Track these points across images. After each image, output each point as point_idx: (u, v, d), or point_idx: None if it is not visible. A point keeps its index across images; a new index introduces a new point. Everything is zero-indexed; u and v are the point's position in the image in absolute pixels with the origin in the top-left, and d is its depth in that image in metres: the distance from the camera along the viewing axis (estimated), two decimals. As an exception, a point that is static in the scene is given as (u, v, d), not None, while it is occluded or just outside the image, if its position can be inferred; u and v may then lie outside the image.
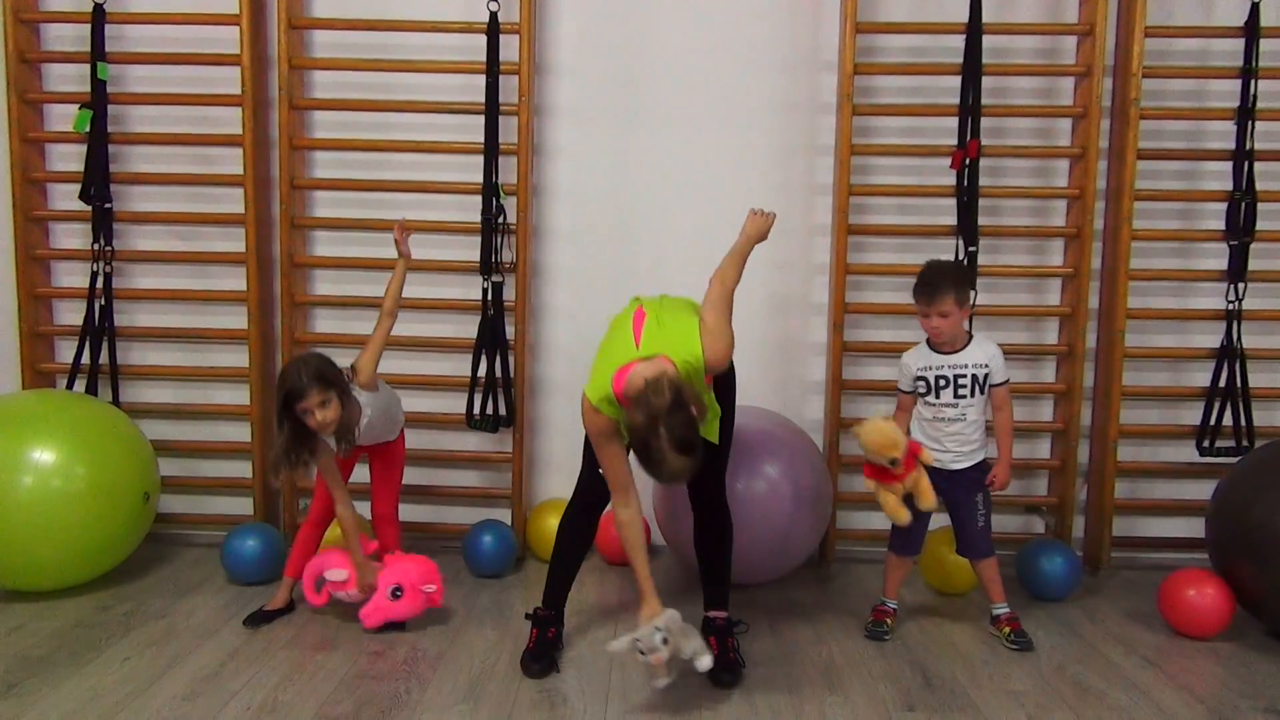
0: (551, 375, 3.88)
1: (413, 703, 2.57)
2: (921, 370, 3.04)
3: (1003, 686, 2.75)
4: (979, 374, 3.00)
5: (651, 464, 2.39)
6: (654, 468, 2.40)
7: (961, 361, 3.01)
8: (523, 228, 3.69)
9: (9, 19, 3.63)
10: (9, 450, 3.09)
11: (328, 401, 2.87)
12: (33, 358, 3.79)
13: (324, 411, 2.86)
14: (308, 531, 3.19)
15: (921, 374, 3.04)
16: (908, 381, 3.09)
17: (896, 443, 2.91)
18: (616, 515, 2.68)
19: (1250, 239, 3.61)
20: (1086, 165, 3.60)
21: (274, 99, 3.71)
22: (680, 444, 2.35)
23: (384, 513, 3.28)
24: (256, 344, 3.75)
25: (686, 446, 2.37)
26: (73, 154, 3.76)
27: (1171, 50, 3.66)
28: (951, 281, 2.97)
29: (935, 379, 3.02)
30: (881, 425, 2.94)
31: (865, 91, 3.69)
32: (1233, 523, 3.11)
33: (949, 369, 3.01)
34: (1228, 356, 3.65)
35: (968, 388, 3.00)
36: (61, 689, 2.60)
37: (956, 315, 2.97)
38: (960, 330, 3.04)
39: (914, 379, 3.06)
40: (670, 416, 2.34)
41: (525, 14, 3.58)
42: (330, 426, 2.90)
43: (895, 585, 3.16)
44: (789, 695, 2.67)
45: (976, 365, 3.00)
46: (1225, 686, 2.79)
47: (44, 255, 3.82)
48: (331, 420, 2.88)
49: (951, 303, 2.95)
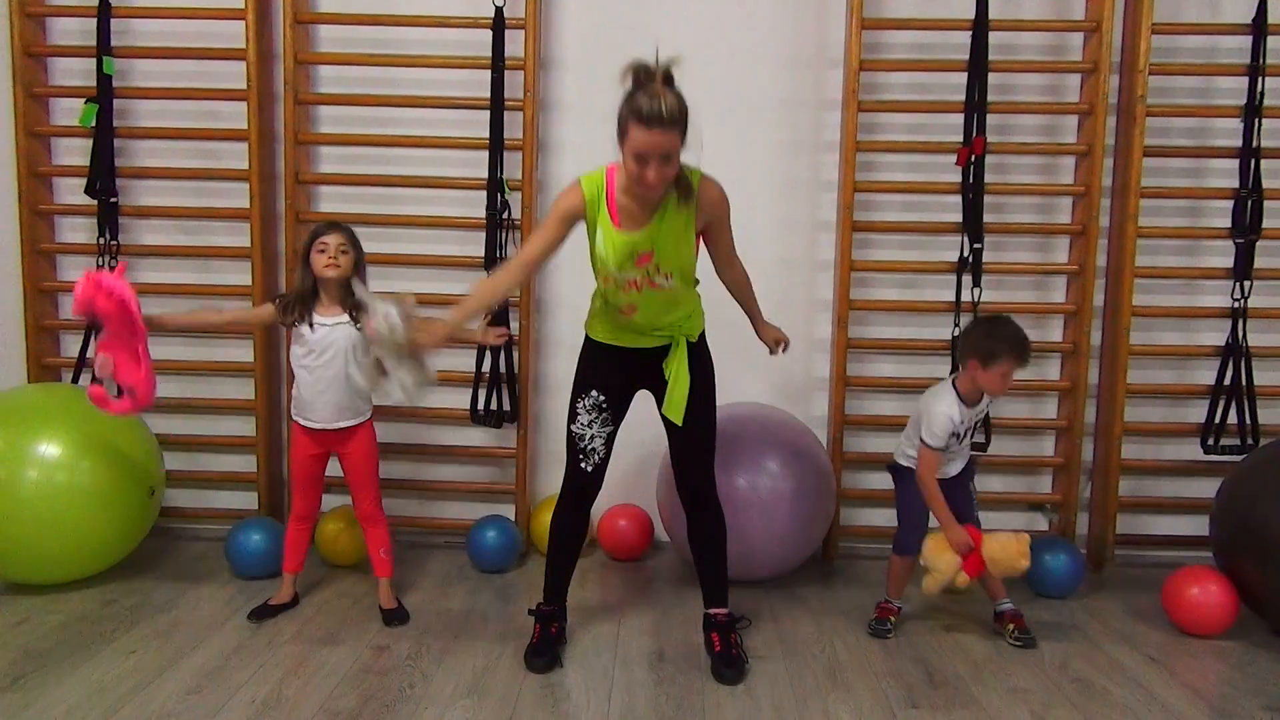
0: (555, 370, 3.88)
1: (416, 697, 2.58)
2: (959, 426, 2.99)
3: (1006, 684, 2.75)
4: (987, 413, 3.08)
5: (647, 96, 2.35)
6: (649, 99, 2.34)
7: (981, 408, 3.05)
8: (527, 223, 3.68)
9: (15, 13, 3.64)
10: (14, 444, 3.10)
11: (345, 251, 2.94)
12: (38, 352, 3.80)
13: (339, 256, 2.93)
14: (295, 528, 3.17)
15: (956, 429, 2.98)
16: (944, 438, 2.95)
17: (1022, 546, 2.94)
18: (496, 271, 2.76)
19: (1256, 236, 3.60)
20: (1092, 162, 3.60)
21: (279, 94, 3.71)
22: (672, 86, 2.39)
23: (368, 512, 3.16)
24: (261, 338, 3.76)
25: (677, 94, 2.39)
26: (78, 148, 3.77)
27: (1178, 47, 3.65)
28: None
29: (965, 430, 3.04)
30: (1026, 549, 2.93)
31: (871, 88, 3.69)
32: (1237, 521, 3.11)
33: (972, 418, 3.04)
34: (1233, 354, 3.65)
35: (977, 429, 3.09)
36: (66, 682, 2.61)
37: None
38: None
39: (950, 435, 2.97)
40: (664, 77, 2.38)
41: (530, 9, 3.58)
42: (333, 272, 2.93)
43: (899, 584, 3.16)
44: (792, 692, 2.67)
45: (987, 407, 3.08)
46: (1229, 684, 2.79)
47: (49, 249, 3.83)
48: (341, 269, 2.93)
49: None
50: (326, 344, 2.98)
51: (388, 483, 3.41)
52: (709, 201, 2.61)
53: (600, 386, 2.78)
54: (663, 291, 2.64)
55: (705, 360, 2.82)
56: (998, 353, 2.89)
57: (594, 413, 2.78)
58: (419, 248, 3.78)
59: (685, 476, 2.85)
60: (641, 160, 2.40)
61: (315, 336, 2.98)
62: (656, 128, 2.35)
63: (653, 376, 2.78)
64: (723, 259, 2.78)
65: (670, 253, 2.59)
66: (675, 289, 2.65)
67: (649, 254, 2.58)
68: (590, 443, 2.79)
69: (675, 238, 2.58)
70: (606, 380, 2.79)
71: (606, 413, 2.79)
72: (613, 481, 3.73)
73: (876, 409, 3.80)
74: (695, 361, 2.76)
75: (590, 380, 2.80)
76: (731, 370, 2.90)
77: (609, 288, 2.68)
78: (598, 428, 2.78)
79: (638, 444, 3.49)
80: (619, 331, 2.76)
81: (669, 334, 2.74)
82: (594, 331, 2.83)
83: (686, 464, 2.84)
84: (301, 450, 3.09)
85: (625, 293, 2.65)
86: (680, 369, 2.71)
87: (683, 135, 2.42)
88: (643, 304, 2.66)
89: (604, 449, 2.81)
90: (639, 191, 2.50)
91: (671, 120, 2.36)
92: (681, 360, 2.71)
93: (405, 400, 2.51)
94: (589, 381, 2.80)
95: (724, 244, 2.75)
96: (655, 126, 2.35)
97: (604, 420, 2.79)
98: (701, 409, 2.77)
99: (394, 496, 3.70)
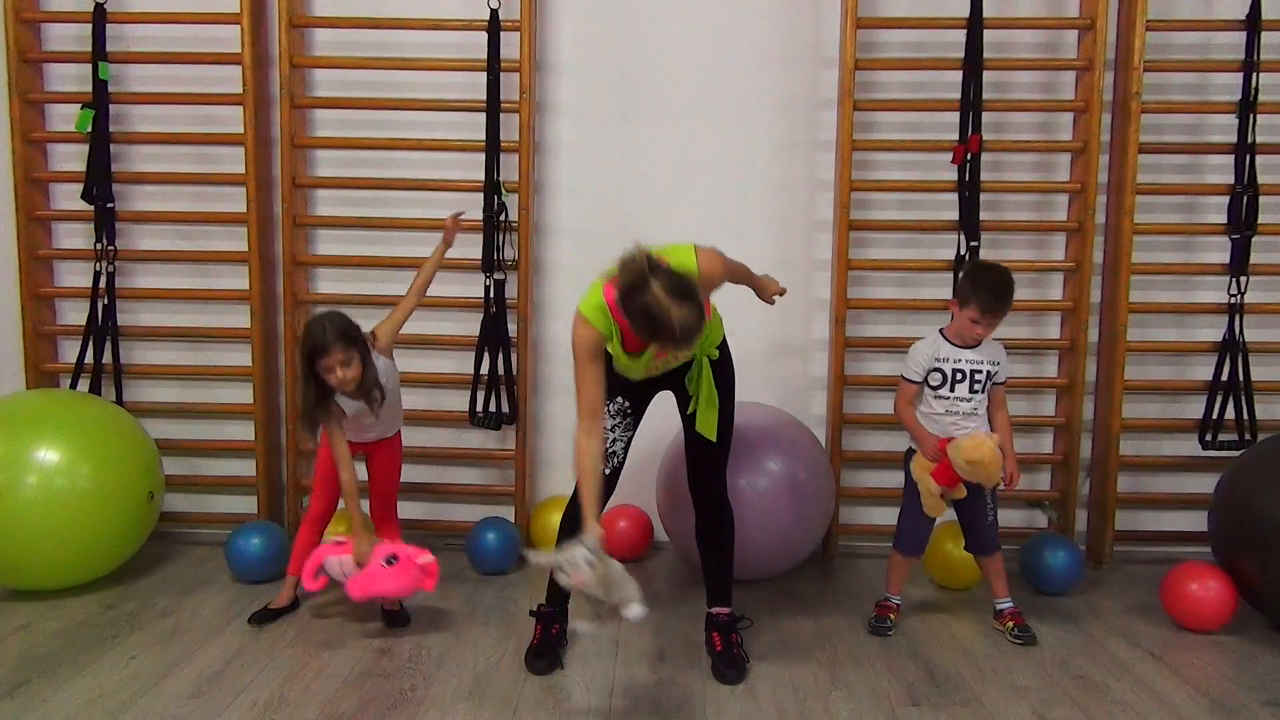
0: (554, 372, 3.89)
1: (417, 700, 2.58)
2: (939, 361, 3.01)
3: (1006, 681, 2.75)
4: (992, 370, 3.01)
5: (659, 325, 2.29)
6: (663, 328, 2.29)
7: (978, 358, 3.01)
8: (524, 225, 3.69)
9: (10, 19, 3.64)
10: (13, 450, 3.09)
11: (350, 360, 2.87)
12: (36, 358, 3.80)
13: (346, 370, 2.87)
14: (307, 529, 3.18)
15: (939, 365, 3.01)
16: (919, 371, 3.02)
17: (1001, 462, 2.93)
18: (577, 440, 2.57)
19: (1252, 232, 3.60)
20: (1088, 159, 3.60)
21: (275, 97, 3.71)
22: (674, 289, 2.28)
23: (383, 515, 3.24)
24: (259, 343, 3.76)
25: (682, 291, 2.29)
26: (74, 154, 3.77)
27: (1173, 44, 3.66)
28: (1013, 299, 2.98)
29: (953, 371, 3.00)
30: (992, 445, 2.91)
31: (866, 86, 3.69)
32: (1235, 516, 3.11)
33: (967, 364, 3.00)
34: (1230, 350, 3.65)
35: (981, 384, 3.01)
36: (67, 688, 2.61)
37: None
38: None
39: (929, 369, 3.02)
40: (654, 271, 2.29)
41: (526, 11, 3.58)
42: (350, 384, 2.90)
43: (899, 582, 3.16)
44: (793, 691, 2.67)
45: (991, 363, 3.01)
46: (1228, 680, 2.79)
47: (47, 255, 3.83)
48: (352, 379, 2.89)
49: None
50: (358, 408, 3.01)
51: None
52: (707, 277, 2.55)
53: (624, 391, 2.77)
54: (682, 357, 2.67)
55: (727, 367, 2.82)
56: (968, 297, 2.94)
57: (618, 417, 2.78)
58: (416, 250, 3.75)
59: (701, 478, 2.85)
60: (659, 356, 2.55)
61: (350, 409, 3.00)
62: (670, 347, 2.42)
63: (674, 380, 2.78)
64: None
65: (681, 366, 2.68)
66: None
67: (664, 353, 2.58)
68: (613, 445, 2.78)
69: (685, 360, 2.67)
70: (629, 386, 2.77)
71: (630, 417, 2.80)
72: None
73: (875, 408, 3.80)
74: (718, 373, 2.76)
75: (614, 387, 2.73)
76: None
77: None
78: (620, 431, 2.79)
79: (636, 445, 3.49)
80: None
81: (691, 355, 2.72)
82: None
83: (705, 469, 2.84)
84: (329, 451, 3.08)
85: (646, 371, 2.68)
86: (709, 389, 2.71)
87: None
88: (663, 367, 2.69)
89: (623, 452, 2.82)
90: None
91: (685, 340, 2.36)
92: (708, 380, 2.72)
93: (642, 611, 2.43)
94: (613, 388, 2.73)
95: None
96: (670, 347, 2.42)
97: (627, 425, 2.80)
98: (723, 417, 2.78)
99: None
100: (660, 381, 2.80)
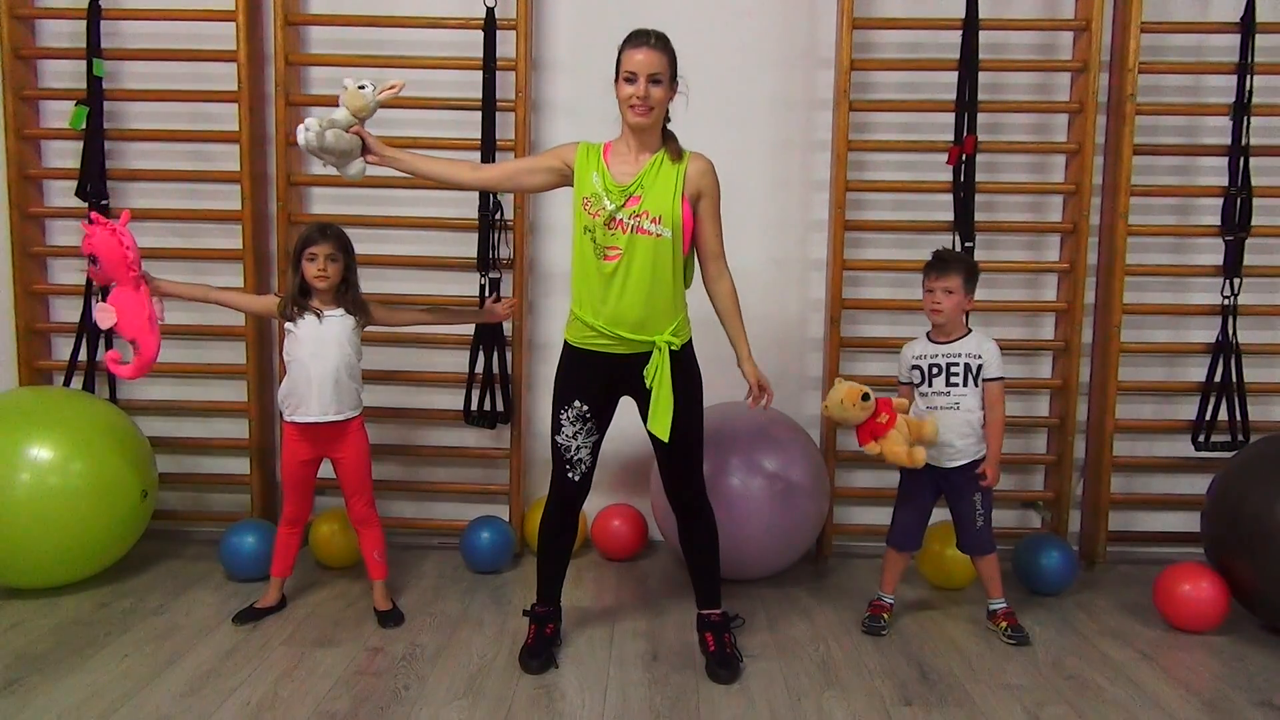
0: (549, 371, 3.80)
1: (411, 699, 2.58)
2: (916, 359, 3.08)
3: (999, 680, 2.76)
4: (971, 364, 3.01)
5: (635, 32, 2.65)
6: (638, 31, 2.65)
7: (955, 351, 3.03)
8: (519, 224, 3.68)
9: (4, 15, 3.62)
10: (6, 447, 3.09)
11: (334, 259, 2.99)
12: (29, 355, 3.79)
13: (327, 266, 2.98)
14: (285, 531, 3.15)
15: (916, 362, 3.08)
16: (905, 371, 3.13)
17: (856, 386, 2.94)
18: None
19: (1246, 234, 3.61)
20: (1083, 160, 3.61)
21: (270, 95, 3.70)
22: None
23: (361, 515, 3.15)
24: (253, 340, 3.75)
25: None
26: (69, 150, 3.76)
27: (1167, 45, 3.67)
28: (963, 265, 3.05)
29: (929, 367, 3.04)
30: (837, 383, 3.01)
31: (862, 87, 3.69)
32: (1228, 517, 3.12)
33: (942, 357, 3.04)
34: (1223, 351, 3.67)
35: (960, 376, 3.01)
36: (60, 685, 2.60)
37: (960, 297, 3.00)
38: (959, 317, 3.05)
39: (910, 368, 3.10)
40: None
41: (522, 10, 3.58)
42: (323, 282, 2.98)
43: (893, 580, 3.17)
44: (786, 690, 2.68)
45: (969, 355, 3.01)
46: (1220, 680, 2.80)
47: (40, 252, 3.82)
48: (330, 278, 2.99)
49: (958, 282, 2.98)
50: (321, 337, 2.99)
51: (381, 484, 3.42)
52: (698, 170, 2.71)
53: (582, 396, 2.75)
54: (648, 243, 2.62)
55: (690, 370, 2.77)
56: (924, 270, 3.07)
57: (578, 423, 2.75)
58: (411, 248, 3.77)
59: (674, 487, 2.84)
60: (631, 79, 2.61)
61: (309, 330, 2.99)
62: (643, 46, 2.61)
63: (634, 385, 2.73)
64: (710, 255, 2.75)
65: (659, 199, 2.64)
66: (658, 254, 2.62)
67: (638, 198, 2.64)
68: (576, 453, 2.77)
69: (664, 190, 2.65)
70: (587, 389, 2.75)
71: (591, 422, 2.77)
72: (607, 482, 3.77)
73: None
74: (679, 372, 2.70)
75: (571, 390, 2.76)
76: (724, 369, 2.90)
77: (596, 223, 2.66)
78: (583, 438, 2.77)
79: (631, 445, 3.50)
80: (598, 326, 2.68)
81: (649, 338, 2.67)
82: (573, 334, 2.78)
83: (673, 476, 2.81)
84: (293, 454, 3.08)
85: (611, 232, 2.64)
86: (663, 381, 2.66)
87: (670, 67, 2.65)
88: (626, 249, 2.63)
89: (590, 459, 2.80)
90: (631, 120, 2.65)
91: (658, 41, 2.63)
92: (664, 370, 2.66)
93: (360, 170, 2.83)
94: (570, 391, 2.76)
95: (712, 235, 2.74)
96: (642, 45, 2.61)
97: (589, 430, 2.77)
98: (687, 421, 2.72)
99: (387, 498, 3.70)
100: (620, 385, 2.77)
